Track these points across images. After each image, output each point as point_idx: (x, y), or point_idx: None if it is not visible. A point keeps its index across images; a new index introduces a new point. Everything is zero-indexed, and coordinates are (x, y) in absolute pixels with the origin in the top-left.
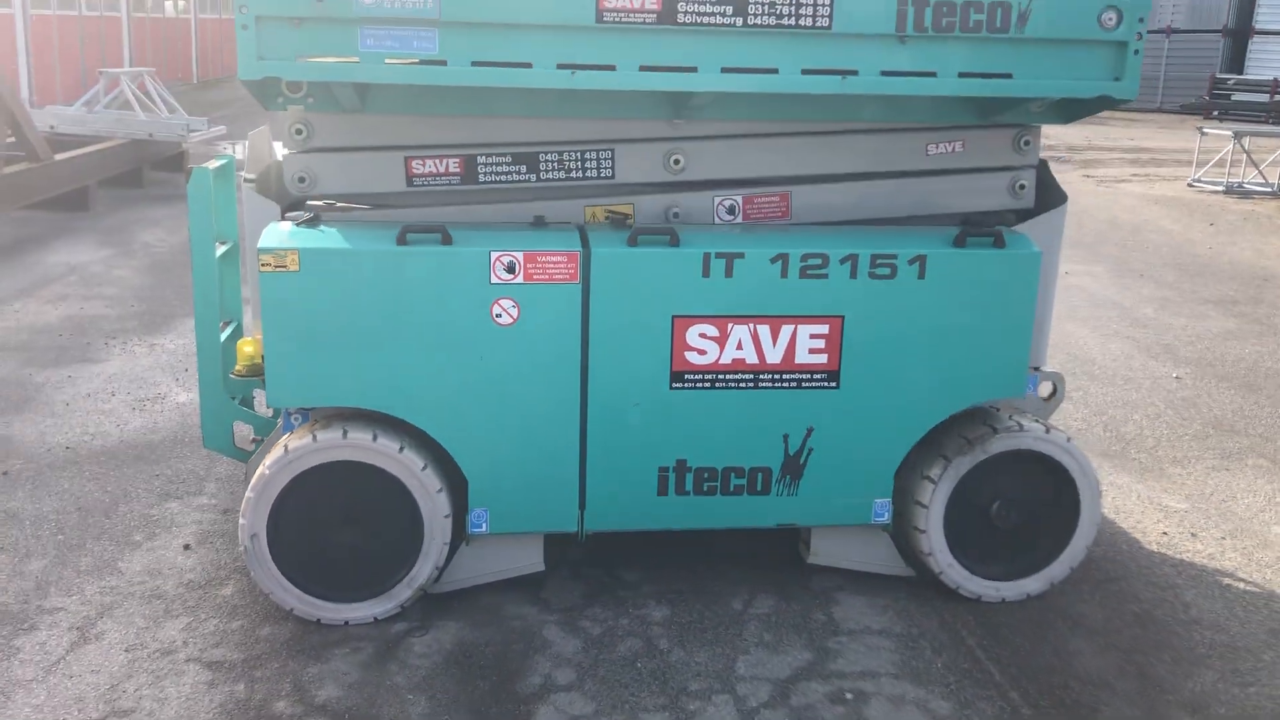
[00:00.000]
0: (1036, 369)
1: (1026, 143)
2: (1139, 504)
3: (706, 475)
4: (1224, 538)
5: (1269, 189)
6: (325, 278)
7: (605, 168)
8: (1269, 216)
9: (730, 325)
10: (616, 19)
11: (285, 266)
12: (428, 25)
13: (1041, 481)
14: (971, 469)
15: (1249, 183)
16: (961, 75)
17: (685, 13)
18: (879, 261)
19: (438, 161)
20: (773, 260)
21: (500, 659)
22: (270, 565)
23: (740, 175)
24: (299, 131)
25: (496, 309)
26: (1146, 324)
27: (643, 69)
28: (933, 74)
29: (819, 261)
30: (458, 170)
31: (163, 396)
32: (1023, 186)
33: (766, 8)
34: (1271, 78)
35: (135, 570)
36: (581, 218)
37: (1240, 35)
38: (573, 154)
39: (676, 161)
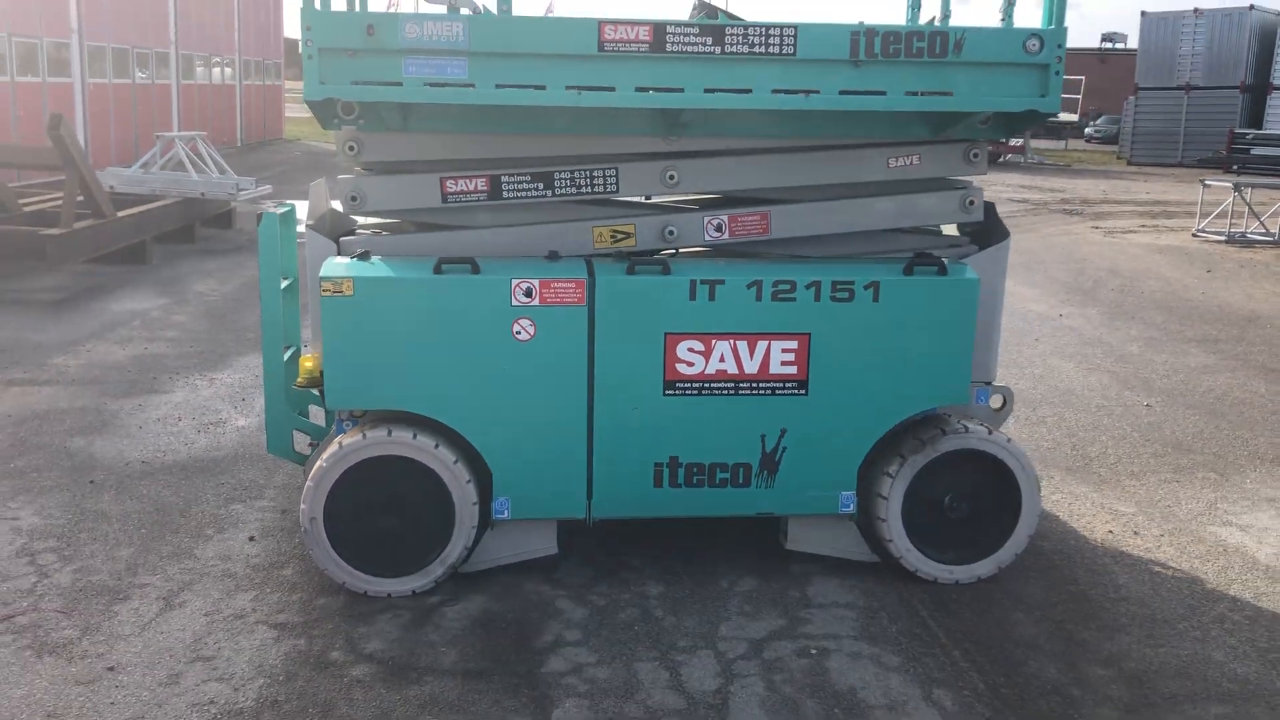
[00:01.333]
0: (988, 383)
1: (975, 155)
2: (1091, 508)
3: (695, 470)
4: (1162, 535)
5: (1270, 238)
6: (374, 301)
7: (610, 183)
8: (1265, 264)
9: (714, 341)
10: (615, 48)
11: (342, 292)
12: (460, 55)
13: (987, 478)
14: (925, 466)
15: (1251, 232)
16: (908, 94)
17: (673, 42)
18: (839, 287)
19: (468, 180)
20: (749, 286)
21: (519, 623)
22: (326, 545)
23: (725, 188)
24: (351, 148)
25: (517, 327)
26: (1129, 360)
27: (638, 90)
28: (883, 93)
29: (788, 287)
30: (485, 188)
31: (224, 421)
32: (972, 202)
33: (741, 37)
34: None
35: (209, 556)
36: (590, 238)
37: (1259, 91)
38: (582, 172)
39: (671, 177)
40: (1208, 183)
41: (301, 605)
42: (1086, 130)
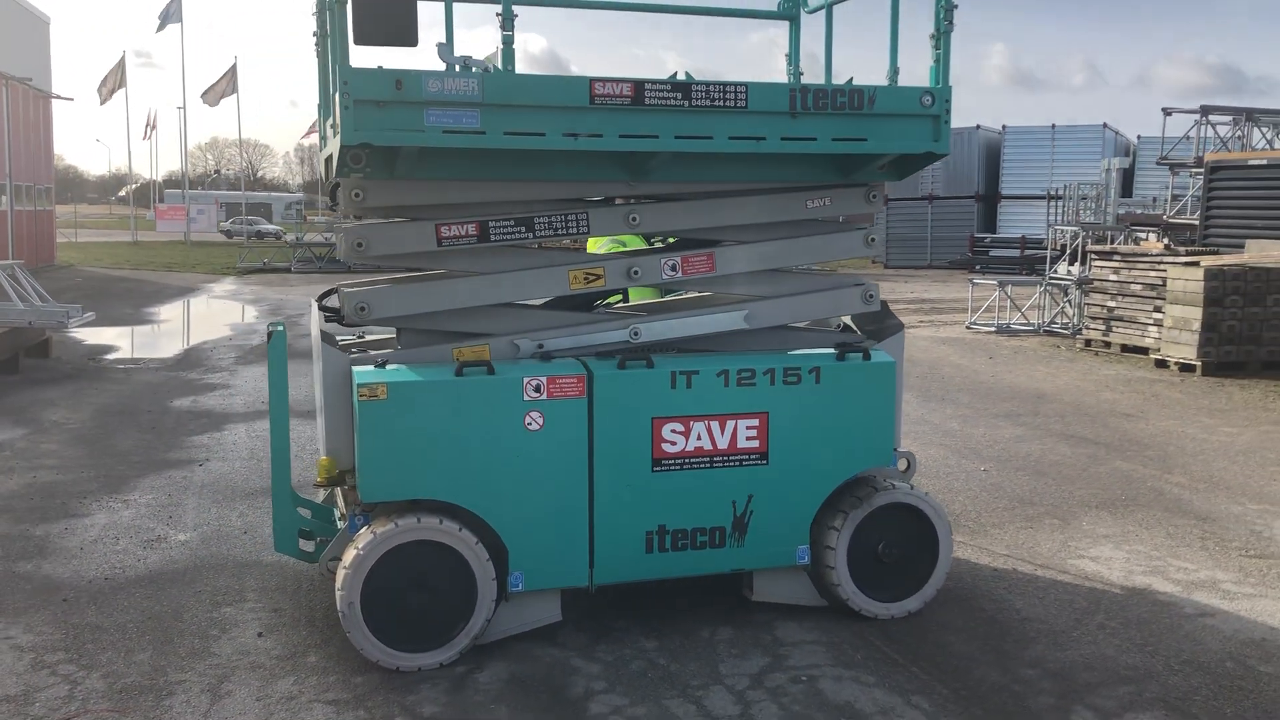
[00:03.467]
0: (895, 449)
1: (874, 196)
2: (974, 552)
3: (680, 535)
4: (1035, 569)
5: (1031, 327)
6: (405, 403)
7: (583, 225)
8: (1033, 349)
9: (692, 422)
10: (603, 102)
11: (377, 396)
12: (474, 107)
13: (911, 527)
14: (863, 519)
15: (1015, 324)
16: (834, 139)
17: (650, 97)
18: (789, 372)
19: (460, 226)
20: (718, 374)
21: (547, 681)
22: (363, 626)
23: (678, 227)
24: (357, 195)
25: (528, 419)
26: (954, 434)
27: (621, 136)
28: (814, 139)
29: (750, 374)
30: (475, 232)
31: (164, 538)
32: (873, 240)
33: (704, 93)
34: (1020, 235)
35: (228, 652)
36: (567, 279)
37: (990, 200)
38: (559, 216)
39: (633, 219)
40: (975, 281)
41: (342, 684)
42: None
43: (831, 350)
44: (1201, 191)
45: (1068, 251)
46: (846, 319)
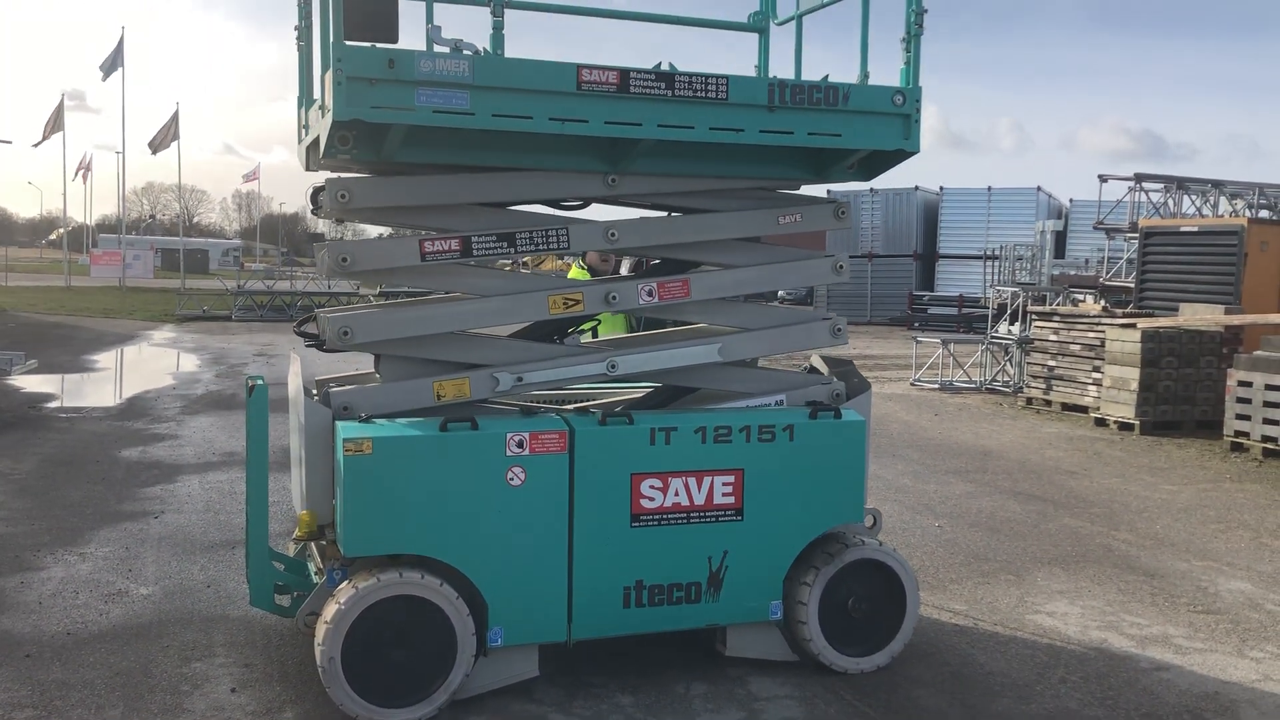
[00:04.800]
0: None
1: (842, 213)
2: (934, 609)
3: (657, 590)
4: (995, 625)
5: (973, 385)
6: (391, 458)
7: (563, 241)
8: (977, 407)
9: (670, 478)
10: (590, 88)
11: (362, 450)
12: (463, 88)
13: (879, 582)
14: (833, 575)
15: (958, 381)
16: (810, 134)
17: (635, 86)
18: (764, 430)
19: (443, 241)
20: (695, 431)
21: None
22: (343, 681)
23: (656, 242)
24: (342, 196)
25: (510, 474)
26: (907, 490)
27: (607, 123)
28: (791, 132)
29: (726, 430)
30: (457, 247)
31: (125, 592)
32: (841, 266)
33: (687, 84)
34: (958, 294)
35: (201, 709)
36: (546, 305)
37: (929, 258)
38: (539, 232)
39: (612, 235)
40: (919, 340)
41: None
42: (779, 293)
43: (804, 408)
44: (1136, 255)
45: (1008, 311)
46: (816, 361)
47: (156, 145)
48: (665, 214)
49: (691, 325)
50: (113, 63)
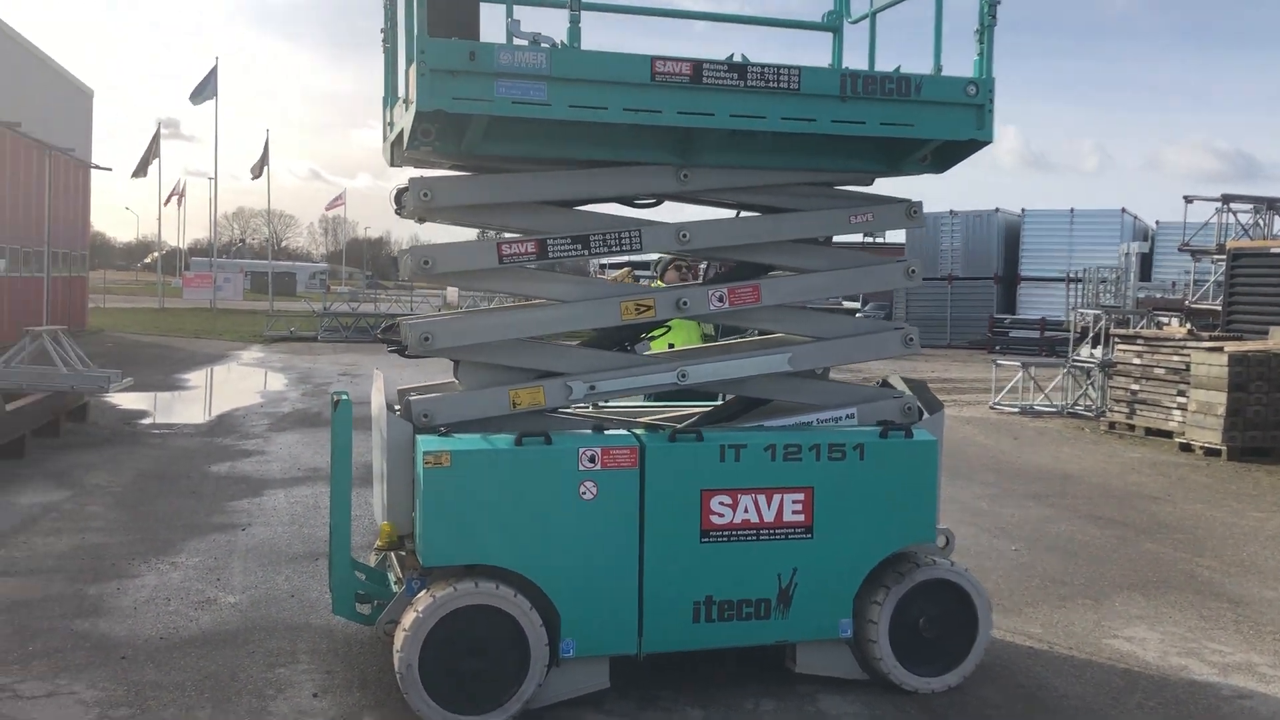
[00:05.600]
0: (935, 526)
1: (915, 212)
2: (1008, 632)
3: (727, 606)
4: (1070, 648)
5: (1054, 409)
6: (468, 470)
7: (635, 243)
8: (1058, 431)
9: (739, 495)
10: (663, 79)
11: (441, 463)
12: (541, 80)
13: (951, 602)
14: (904, 594)
15: (1039, 405)
16: (882, 124)
17: (708, 77)
18: (834, 449)
19: (520, 244)
20: (765, 448)
21: None
22: (420, 687)
23: (726, 243)
24: (425, 195)
25: (583, 488)
26: (983, 513)
27: (679, 113)
28: (863, 122)
29: (796, 449)
30: (534, 250)
31: (214, 600)
32: (913, 271)
33: (759, 74)
34: (1040, 317)
35: (285, 712)
36: (619, 311)
37: (1009, 281)
38: (613, 234)
39: (684, 236)
40: (999, 362)
41: None
42: (858, 316)
43: (875, 427)
44: (1224, 277)
45: (1090, 334)
46: (894, 380)
47: (255, 171)
48: (736, 214)
49: (769, 335)
50: (205, 91)
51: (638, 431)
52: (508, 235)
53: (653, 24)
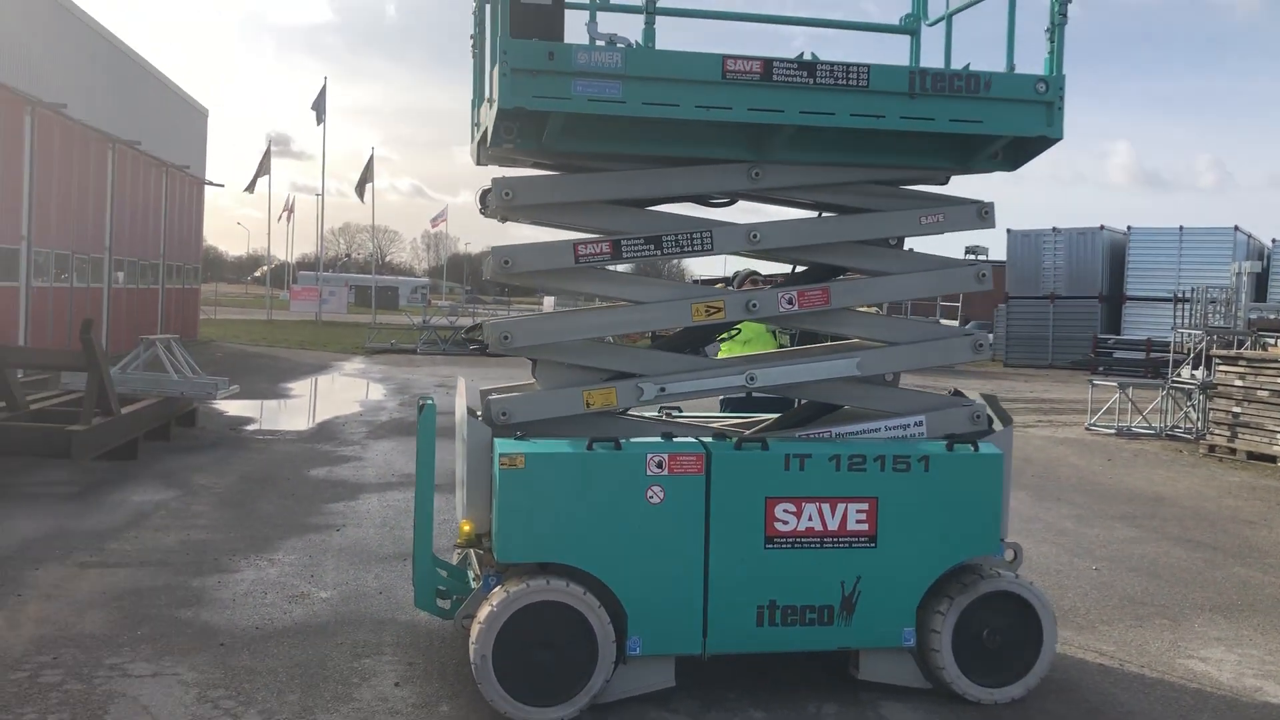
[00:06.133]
0: (1002, 540)
1: (986, 213)
2: (1079, 649)
3: (790, 611)
4: (1143, 666)
5: (1152, 431)
6: (541, 472)
7: (707, 243)
8: (1154, 453)
9: (804, 504)
10: (734, 77)
11: (515, 465)
12: (616, 78)
13: (1016, 614)
14: (968, 605)
15: (1136, 427)
16: (951, 120)
17: (778, 74)
18: (899, 460)
19: (595, 245)
20: (830, 459)
21: None
22: (493, 679)
23: (797, 243)
24: (507, 194)
25: (650, 492)
26: (1067, 533)
27: (750, 109)
28: (932, 119)
29: (860, 460)
30: (608, 250)
31: (306, 595)
32: (984, 276)
33: (827, 72)
34: (1145, 337)
35: (368, 698)
36: (690, 312)
37: (1114, 300)
38: (685, 235)
39: (755, 236)
40: (1094, 383)
41: None
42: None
43: (941, 440)
44: None
45: (1190, 355)
46: (980, 399)
47: (359, 192)
48: (806, 216)
49: (844, 341)
50: (319, 108)
51: (705, 439)
52: (584, 235)
53: (734, 29)
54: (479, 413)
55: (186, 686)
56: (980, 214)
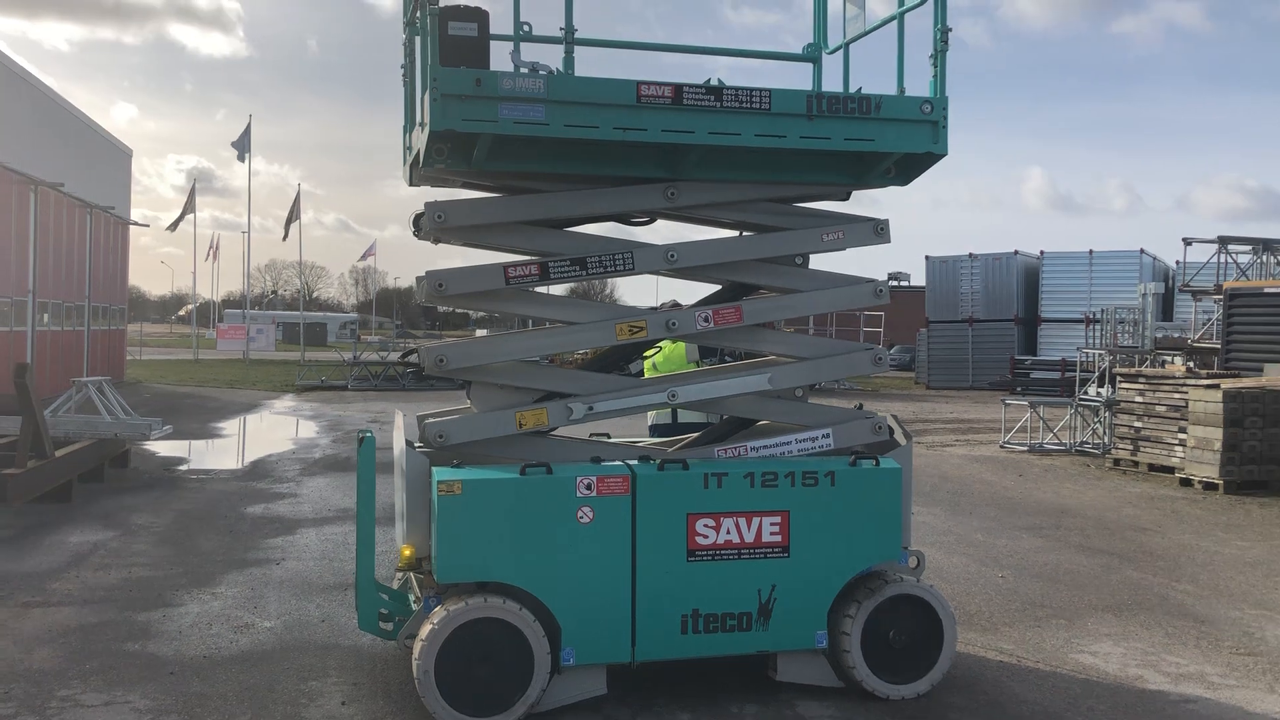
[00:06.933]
0: (906, 547)
1: (881, 229)
2: (982, 648)
3: (712, 618)
4: (1038, 662)
5: (1063, 447)
6: (477, 497)
7: (628, 263)
8: (1063, 468)
9: (722, 518)
10: (648, 101)
11: (453, 491)
12: (539, 102)
13: (919, 616)
14: (874, 608)
15: (1048, 444)
16: (846, 139)
17: (688, 98)
18: (808, 476)
19: (525, 267)
20: (745, 476)
21: None
22: (436, 692)
23: (711, 260)
24: (439, 216)
25: (580, 513)
26: (977, 544)
27: (663, 131)
28: (828, 138)
29: (773, 476)
30: (536, 272)
31: (251, 625)
32: (881, 291)
33: (733, 96)
34: (1060, 358)
35: (315, 717)
36: (614, 332)
37: (1030, 323)
38: (608, 256)
39: (672, 256)
40: (1007, 402)
41: None
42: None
43: (845, 457)
44: (1222, 317)
45: (1095, 374)
46: (890, 420)
47: (286, 229)
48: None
49: (763, 358)
50: (241, 146)
51: (630, 461)
52: (514, 258)
53: (668, 59)
54: (417, 444)
55: (139, 713)
56: (876, 230)
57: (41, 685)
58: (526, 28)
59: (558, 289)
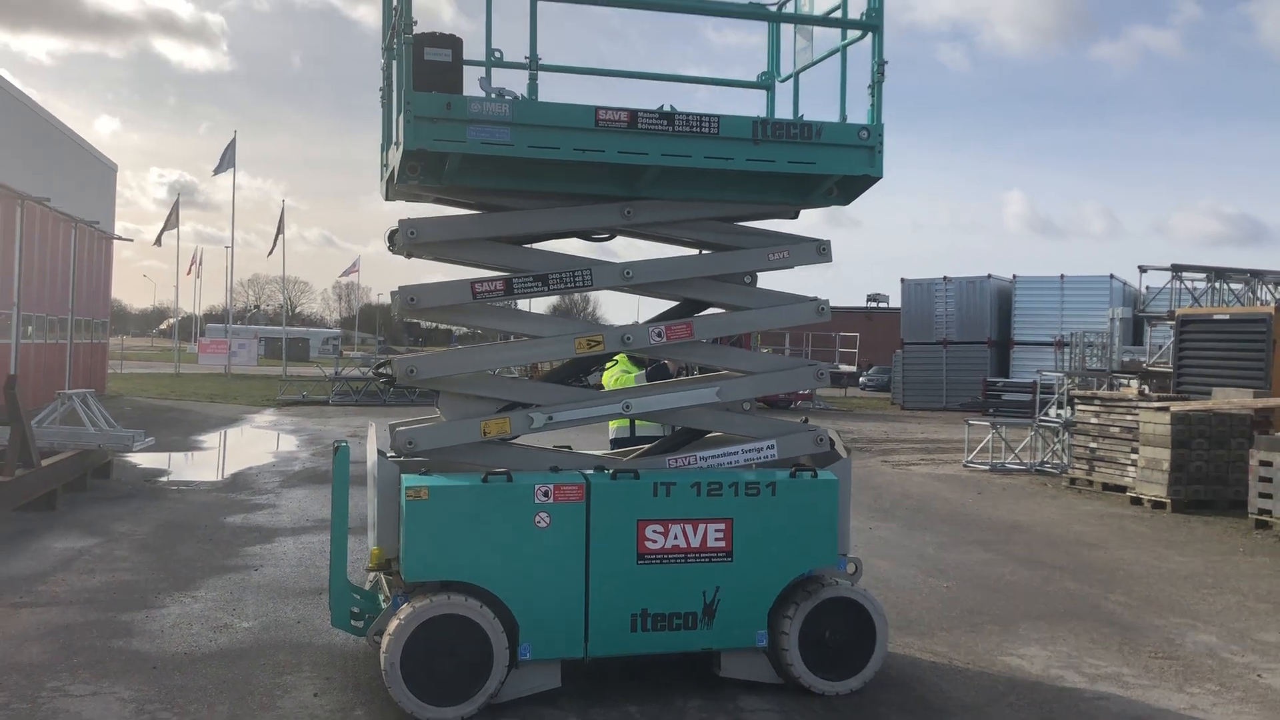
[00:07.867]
0: (844, 554)
1: (823, 249)
2: (917, 651)
3: (659, 618)
4: (967, 663)
5: (1023, 467)
6: (443, 502)
7: (587, 279)
8: (1022, 487)
9: (670, 525)
10: (606, 125)
11: (420, 496)
12: (505, 125)
13: (853, 618)
14: (811, 610)
15: (1009, 463)
16: (790, 162)
17: (643, 123)
18: (750, 486)
19: (490, 283)
20: (692, 486)
21: None
22: (401, 683)
23: (666, 277)
24: (411, 233)
25: (538, 518)
26: (928, 557)
27: (620, 152)
28: (773, 161)
29: (718, 486)
30: (501, 287)
31: (230, 625)
32: (823, 309)
33: (684, 121)
34: (1032, 380)
35: (289, 707)
36: (573, 345)
37: (1003, 345)
38: (568, 273)
39: (628, 273)
40: (970, 423)
41: None
42: (861, 380)
43: (786, 470)
44: (1174, 342)
45: (1055, 395)
46: (833, 434)
47: (272, 246)
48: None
49: (715, 372)
50: (224, 162)
51: (585, 471)
52: (482, 274)
53: (637, 84)
54: (388, 452)
55: (124, 702)
56: (819, 250)
57: (32, 677)
58: (498, 54)
59: (539, 304)
